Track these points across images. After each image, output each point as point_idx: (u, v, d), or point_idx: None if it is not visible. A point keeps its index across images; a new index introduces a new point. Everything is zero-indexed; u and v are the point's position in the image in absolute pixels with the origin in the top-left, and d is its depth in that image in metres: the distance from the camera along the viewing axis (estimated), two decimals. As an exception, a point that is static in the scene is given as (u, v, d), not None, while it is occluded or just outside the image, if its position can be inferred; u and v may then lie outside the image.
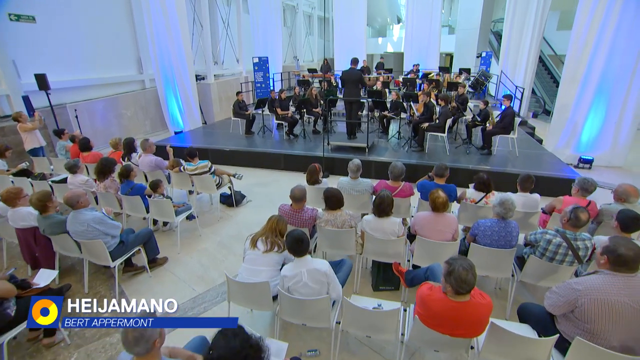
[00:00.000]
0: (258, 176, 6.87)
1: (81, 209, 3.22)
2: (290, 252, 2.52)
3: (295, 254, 2.49)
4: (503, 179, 5.92)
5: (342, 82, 6.93)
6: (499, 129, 6.72)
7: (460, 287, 1.95)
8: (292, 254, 2.52)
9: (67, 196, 3.18)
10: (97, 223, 3.18)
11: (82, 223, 3.17)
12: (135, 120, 10.70)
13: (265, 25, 14.62)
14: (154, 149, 5.21)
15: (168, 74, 9.89)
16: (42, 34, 7.82)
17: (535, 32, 11.43)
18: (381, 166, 6.43)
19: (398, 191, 3.88)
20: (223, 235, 4.72)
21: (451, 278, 1.97)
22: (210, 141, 8.46)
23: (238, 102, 8.64)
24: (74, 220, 3.18)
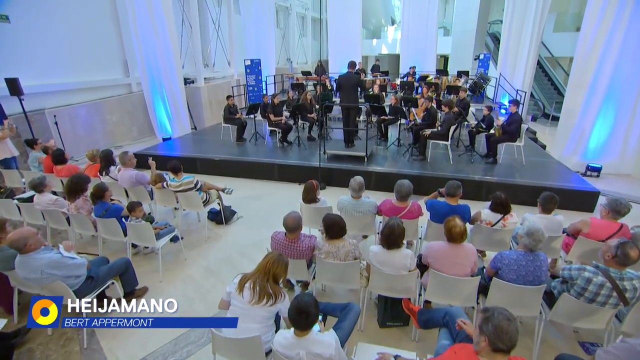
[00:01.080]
0: (250, 188, 6.43)
1: (31, 252, 2.65)
2: (290, 323, 2.00)
3: (296, 328, 1.97)
4: (511, 191, 5.56)
5: (338, 86, 6.52)
6: (506, 137, 6.37)
7: (500, 340, 1.53)
8: (292, 326, 1.99)
9: (11, 238, 2.61)
10: (54, 268, 2.67)
11: (34, 270, 2.65)
12: (121, 126, 10.18)
13: (258, 26, 14.17)
14: (134, 163, 4.75)
15: (155, 77, 9.40)
16: (18, 35, 7.30)
17: (534, 34, 11.19)
18: (382, 177, 6.03)
19: (405, 212, 3.48)
20: (211, 259, 4.27)
21: (489, 326, 1.56)
22: (199, 149, 7.99)
23: (228, 107, 8.19)
24: (23, 266, 2.67)
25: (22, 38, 7.39)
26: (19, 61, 7.35)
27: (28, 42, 7.52)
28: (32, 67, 7.66)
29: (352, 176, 6.16)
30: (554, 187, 5.50)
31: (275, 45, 16.34)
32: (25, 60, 7.51)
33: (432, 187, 5.84)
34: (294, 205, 5.53)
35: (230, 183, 6.63)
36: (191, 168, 7.21)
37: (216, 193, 4.97)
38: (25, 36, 7.45)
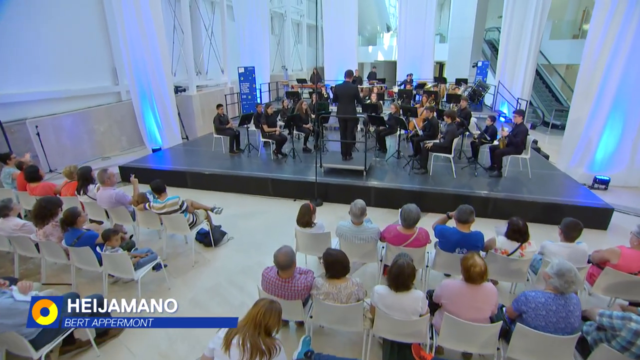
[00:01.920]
0: (242, 204, 6.05)
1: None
2: None
3: None
4: (520, 208, 5.26)
5: (335, 96, 6.19)
6: (511, 149, 6.07)
7: None
8: None
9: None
10: (4, 316, 2.28)
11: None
12: (109, 136, 9.78)
13: (252, 33, 13.88)
14: (114, 181, 4.36)
15: (144, 85, 9.04)
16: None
17: (533, 42, 11.03)
18: (382, 193, 5.68)
19: (412, 240, 3.13)
20: (197, 288, 3.88)
21: None
22: (189, 162, 7.61)
23: (219, 117, 7.82)
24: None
25: (2, 43, 7.01)
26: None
27: (8, 47, 7.14)
28: (12, 75, 7.28)
29: (350, 192, 5.91)
30: (564, 203, 5.19)
31: (270, 52, 16.07)
32: (5, 67, 7.12)
33: (436, 203, 5.55)
34: (289, 224, 5.16)
35: (221, 199, 6.29)
36: (181, 182, 6.84)
37: (204, 213, 4.59)
38: (5, 42, 7.07)
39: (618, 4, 6.00)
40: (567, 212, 5.12)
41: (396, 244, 3.17)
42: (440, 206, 5.47)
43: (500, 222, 5.25)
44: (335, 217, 5.43)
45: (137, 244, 4.58)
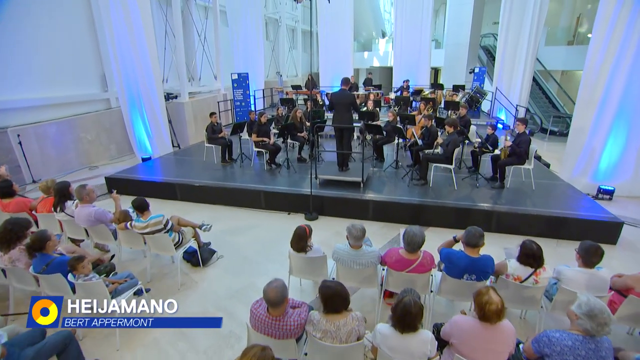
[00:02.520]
0: (233, 218, 5.75)
1: None
2: None
3: None
4: (525, 221, 5.02)
5: (330, 105, 5.94)
6: (513, 159, 5.84)
7: None
8: None
9: None
10: None
11: None
12: (97, 145, 9.45)
13: (246, 38, 13.65)
14: (93, 198, 4.05)
15: (133, 93, 8.74)
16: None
17: (530, 48, 10.91)
18: (380, 206, 5.42)
19: (416, 265, 2.86)
20: (182, 315, 3.56)
21: None
22: (179, 172, 7.30)
23: (212, 125, 7.54)
24: None
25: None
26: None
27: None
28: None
29: (347, 205, 5.63)
30: (571, 216, 4.96)
31: (265, 58, 15.86)
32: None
33: (437, 217, 5.29)
34: (282, 240, 4.87)
35: (211, 212, 5.99)
36: (170, 194, 6.54)
37: (192, 231, 4.29)
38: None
39: (621, 10, 5.83)
40: (574, 226, 4.90)
41: (399, 270, 2.89)
42: (441, 220, 5.24)
43: (503, 237, 5.01)
44: (331, 232, 5.17)
45: (120, 264, 4.29)
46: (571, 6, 17.78)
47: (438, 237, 5.03)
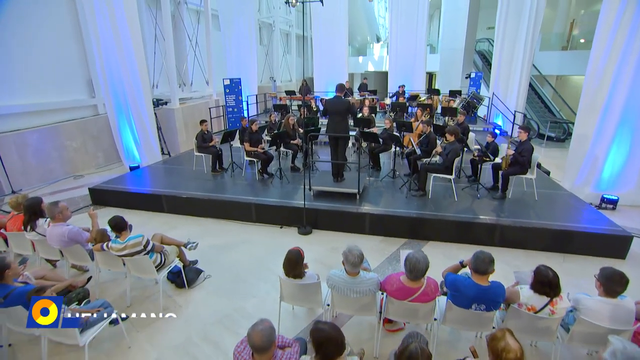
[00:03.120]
0: (222, 233, 5.44)
1: None
2: None
3: None
4: (530, 235, 4.77)
5: (324, 112, 5.69)
6: (516, 168, 5.61)
7: None
8: None
9: None
10: None
11: None
12: (82, 153, 9.09)
13: (239, 43, 13.40)
14: (67, 216, 3.73)
15: (120, 99, 8.42)
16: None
17: (527, 54, 10.79)
18: (378, 220, 5.14)
19: (419, 295, 2.58)
20: (163, 346, 3.25)
21: None
22: (167, 182, 6.99)
23: (202, 134, 7.24)
24: None
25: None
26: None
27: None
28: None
29: (342, 218, 5.34)
30: (578, 230, 4.72)
31: (259, 63, 15.60)
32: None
33: (437, 231, 5.02)
34: (274, 257, 4.59)
35: (199, 225, 5.69)
36: (157, 206, 6.22)
37: (176, 250, 3.98)
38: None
39: (623, 15, 5.66)
40: (581, 239, 4.67)
41: (400, 299, 2.62)
42: (441, 234, 4.98)
43: (507, 251, 4.77)
44: (326, 248, 4.88)
45: (98, 285, 3.97)
46: (565, 12, 17.80)
47: (439, 251, 4.80)
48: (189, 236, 5.12)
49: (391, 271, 4.34)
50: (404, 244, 4.97)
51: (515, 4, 10.96)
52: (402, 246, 4.92)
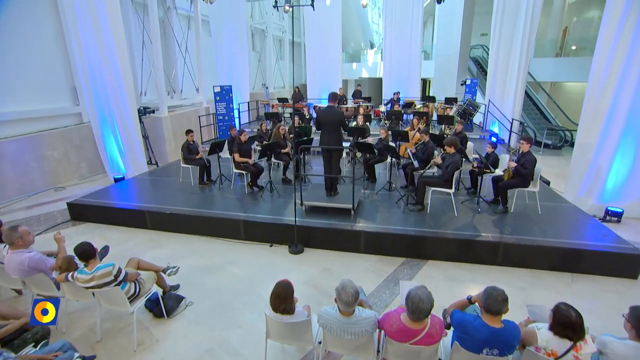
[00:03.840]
0: (208, 252, 5.08)
1: None
2: None
3: None
4: (537, 254, 4.48)
5: (317, 124, 5.38)
6: (517, 180, 5.34)
7: None
8: None
9: None
10: None
11: None
12: (65, 164, 8.68)
13: (230, 49, 13.11)
14: (29, 241, 3.35)
15: (104, 107, 8.06)
16: None
17: (522, 61, 10.63)
18: (374, 238, 4.82)
19: (422, 336, 2.26)
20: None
21: None
22: (152, 196, 6.63)
23: (187, 145, 6.89)
24: None
25: None
26: None
27: None
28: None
29: (336, 236, 4.97)
30: (587, 248, 4.44)
31: (251, 70, 15.33)
32: None
33: (437, 249, 4.70)
34: (262, 280, 4.26)
35: (184, 243, 5.33)
36: (140, 222, 5.85)
37: (154, 276, 3.63)
38: None
39: (626, 22, 5.46)
40: (590, 258, 4.39)
41: (401, 341, 2.29)
42: (442, 252, 4.68)
43: (511, 271, 4.47)
44: (318, 269, 4.55)
45: (66, 317, 3.58)
46: (558, 19, 17.81)
47: (439, 272, 4.49)
48: (173, 255, 4.81)
49: (389, 296, 4.02)
50: (402, 264, 4.65)
51: (510, 11, 10.82)
52: (401, 266, 4.60)
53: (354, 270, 4.52)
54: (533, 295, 4.01)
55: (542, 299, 3.93)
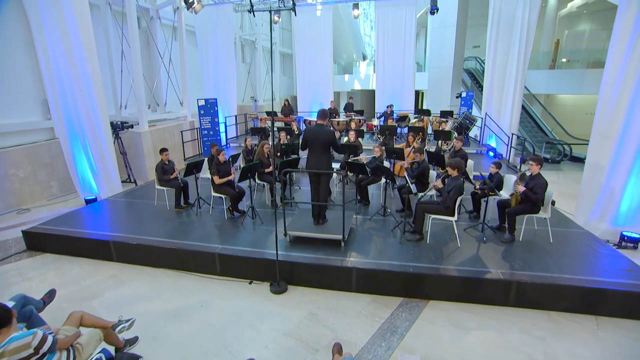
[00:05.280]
0: (176, 292, 4.40)
1: None
2: None
3: None
4: (553, 293, 3.90)
5: (304, 143, 4.80)
6: (526, 206, 4.79)
7: None
8: None
9: None
10: None
11: None
12: (32, 183, 7.96)
13: (217, 61, 12.58)
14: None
15: (75, 122, 7.44)
16: None
17: (519, 73, 10.34)
18: (367, 275, 4.19)
19: None
20: None
21: None
22: (122, 222, 5.97)
23: (162, 165, 6.26)
24: None
25: None
26: None
27: None
28: None
29: (324, 273, 4.18)
30: (611, 287, 3.87)
31: (240, 82, 14.81)
32: None
33: (439, 289, 4.09)
34: (238, 330, 3.61)
35: (151, 280, 4.66)
36: (104, 254, 5.18)
37: (99, 335, 2.96)
38: None
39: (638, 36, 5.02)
40: (617, 299, 3.82)
41: None
42: (445, 292, 4.09)
43: (525, 313, 3.88)
44: (303, 312, 3.91)
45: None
46: (550, 31, 17.72)
47: (443, 316, 3.87)
48: (135, 297, 4.17)
49: (385, 350, 3.39)
50: (400, 306, 4.03)
51: (506, 23, 10.53)
52: (398, 309, 3.98)
53: (344, 315, 3.89)
54: (555, 347, 3.42)
55: (564, 351, 3.35)
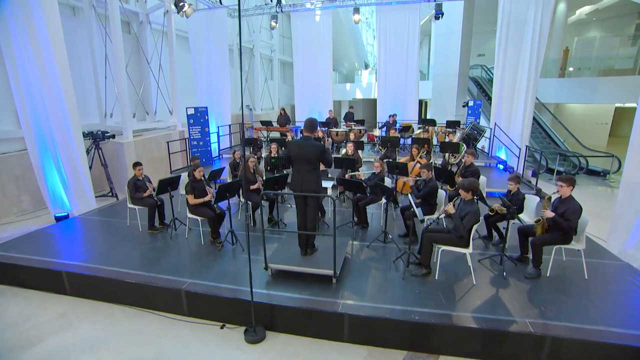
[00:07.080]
0: (132, 337, 3.63)
1: None
2: None
3: None
4: (594, 353, 3.09)
5: (287, 159, 4.05)
6: (555, 235, 3.99)
7: None
8: None
9: None
10: None
11: None
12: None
13: (210, 68, 11.94)
14: None
15: (45, 132, 6.76)
16: None
17: (531, 82, 9.62)
18: (362, 323, 3.40)
19: None
20: None
21: None
22: (87, 245, 5.22)
23: (135, 181, 5.53)
24: None
25: None
26: None
27: None
28: None
29: (310, 318, 3.14)
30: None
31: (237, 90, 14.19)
32: None
33: (451, 341, 3.27)
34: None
35: (105, 321, 3.85)
36: (57, 286, 4.42)
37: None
38: None
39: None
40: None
41: None
42: (459, 347, 3.26)
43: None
44: None
45: None
46: (559, 39, 17.07)
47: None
48: (82, 345, 3.40)
49: None
50: (403, 363, 3.24)
51: (516, 30, 9.84)
52: (401, 369, 3.19)
53: (334, 376, 3.10)
54: None
55: None
